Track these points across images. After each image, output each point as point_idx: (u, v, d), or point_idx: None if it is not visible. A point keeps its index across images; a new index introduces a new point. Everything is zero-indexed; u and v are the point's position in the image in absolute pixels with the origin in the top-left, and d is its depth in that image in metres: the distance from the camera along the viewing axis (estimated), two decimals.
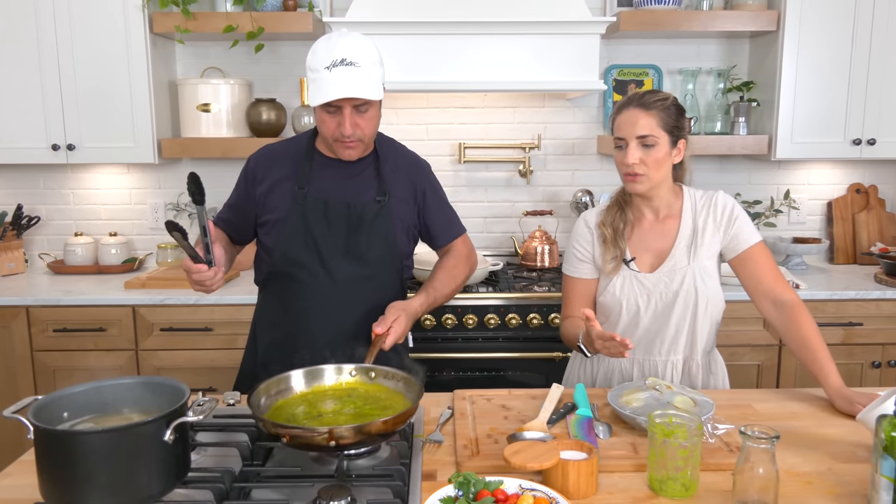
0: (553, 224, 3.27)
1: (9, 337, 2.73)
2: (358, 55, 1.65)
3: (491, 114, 3.27)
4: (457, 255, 1.98)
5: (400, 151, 1.94)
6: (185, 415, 1.17)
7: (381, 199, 1.82)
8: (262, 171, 1.85)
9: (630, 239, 1.84)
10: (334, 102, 1.65)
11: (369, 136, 1.76)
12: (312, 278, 1.80)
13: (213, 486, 1.22)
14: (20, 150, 2.91)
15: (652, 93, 1.76)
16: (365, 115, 1.70)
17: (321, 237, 1.79)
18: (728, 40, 3.22)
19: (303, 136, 1.90)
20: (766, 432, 1.15)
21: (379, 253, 1.82)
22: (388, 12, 2.73)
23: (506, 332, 2.70)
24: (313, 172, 1.82)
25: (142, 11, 2.81)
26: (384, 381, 1.52)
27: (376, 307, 1.78)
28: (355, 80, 1.63)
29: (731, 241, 1.78)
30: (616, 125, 1.77)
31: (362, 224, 1.80)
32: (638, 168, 1.72)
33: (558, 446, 1.27)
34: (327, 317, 1.81)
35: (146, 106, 2.88)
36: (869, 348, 2.78)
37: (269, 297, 1.91)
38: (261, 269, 1.91)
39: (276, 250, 1.81)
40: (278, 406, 1.43)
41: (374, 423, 1.26)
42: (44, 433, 1.10)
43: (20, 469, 1.34)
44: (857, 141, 2.93)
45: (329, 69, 1.62)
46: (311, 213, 1.79)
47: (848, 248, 3.29)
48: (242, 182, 1.89)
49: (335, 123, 1.69)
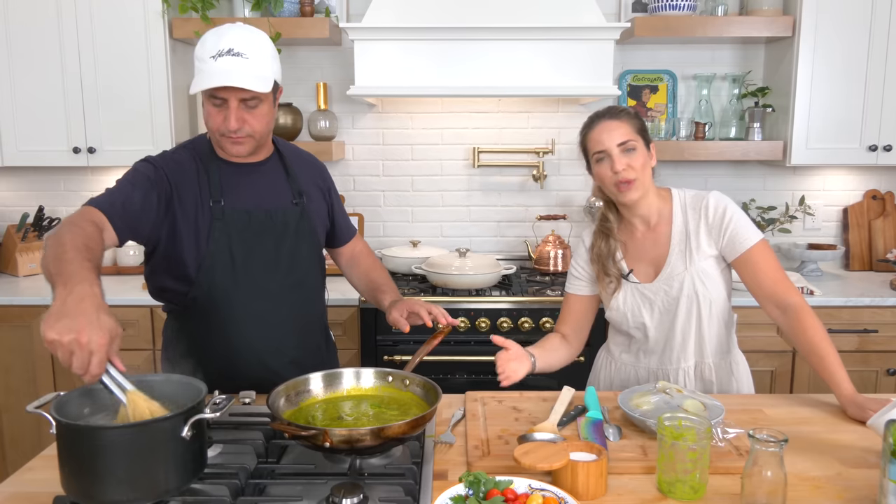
0: (566, 228, 3.28)
1: (29, 336, 2.78)
2: (246, 46, 1.56)
3: (505, 118, 3.29)
4: (371, 255, 2.05)
5: (299, 152, 1.91)
6: (203, 412, 1.20)
7: (297, 202, 1.78)
8: (174, 186, 1.66)
9: (626, 254, 1.84)
10: (220, 94, 1.57)
11: (260, 133, 1.65)
12: (245, 300, 1.70)
13: (228, 481, 1.24)
14: (42, 153, 2.97)
15: (613, 106, 1.79)
16: (254, 110, 1.61)
17: (248, 253, 1.69)
18: (743, 46, 3.22)
19: (200, 142, 1.76)
20: (775, 436, 1.16)
21: (307, 257, 1.80)
22: (405, 18, 2.76)
23: (518, 336, 2.70)
24: (223, 181, 1.70)
25: (162, 17, 2.86)
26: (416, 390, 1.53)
27: (309, 313, 1.82)
28: (241, 71, 1.55)
29: (728, 244, 1.75)
30: (591, 141, 1.76)
31: (287, 231, 1.74)
32: (629, 173, 1.71)
33: (568, 447, 1.29)
34: (268, 335, 1.74)
35: (165, 110, 2.93)
36: (884, 355, 2.77)
37: (194, 322, 1.73)
38: (173, 295, 1.73)
39: (200, 274, 1.67)
40: (298, 409, 1.46)
41: (394, 426, 1.27)
42: (66, 428, 1.13)
43: (42, 464, 1.38)
44: (873, 147, 2.92)
45: (214, 58, 1.55)
46: (234, 227, 1.68)
47: (864, 255, 3.28)
48: (152, 192, 1.63)
49: (221, 117, 1.60)
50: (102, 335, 1.10)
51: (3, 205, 3.34)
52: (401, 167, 3.33)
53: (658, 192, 1.82)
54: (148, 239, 1.66)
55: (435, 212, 3.36)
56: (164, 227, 1.65)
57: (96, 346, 1.09)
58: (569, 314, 1.93)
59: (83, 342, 1.08)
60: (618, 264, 1.83)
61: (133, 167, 1.68)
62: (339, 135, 3.25)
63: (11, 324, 2.78)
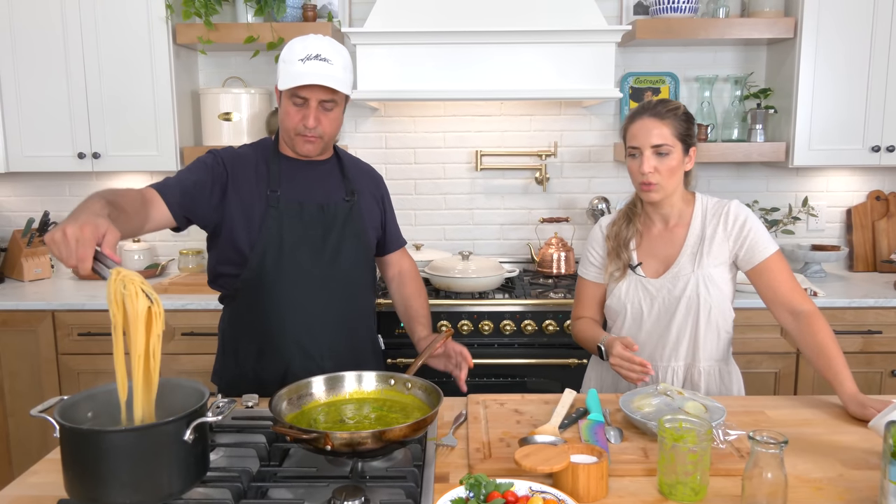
0: (569, 231, 3.28)
1: (35, 340, 2.79)
2: (332, 53, 1.71)
3: (508, 122, 3.29)
4: (418, 280, 2.08)
5: (357, 161, 2.02)
6: (205, 415, 1.20)
7: (349, 199, 1.87)
8: (231, 174, 1.80)
9: (639, 246, 1.86)
10: (302, 94, 1.71)
11: (329, 136, 1.79)
12: (291, 283, 1.80)
13: (231, 485, 1.25)
14: (47, 159, 3.00)
15: (664, 102, 1.78)
16: (329, 113, 1.75)
17: (298, 240, 1.79)
18: (745, 47, 3.22)
19: (266, 140, 1.92)
20: (775, 437, 1.16)
21: (353, 252, 1.86)
22: (406, 22, 2.77)
23: (521, 339, 2.72)
24: (282, 174, 1.83)
25: (165, 23, 2.88)
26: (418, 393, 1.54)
27: (354, 307, 1.89)
28: (327, 73, 1.69)
29: (745, 254, 1.78)
30: (630, 134, 1.79)
31: (335, 224, 1.83)
32: (653, 177, 1.74)
33: (569, 450, 1.29)
34: (310, 321, 1.83)
35: (169, 115, 2.94)
36: (888, 357, 2.76)
37: (243, 306, 1.85)
38: (227, 280, 1.85)
39: (252, 257, 1.78)
40: (301, 412, 1.47)
41: (396, 429, 1.28)
42: (69, 431, 1.14)
43: (46, 467, 1.39)
44: (876, 148, 2.92)
45: (303, 61, 1.69)
46: (286, 217, 1.79)
47: (868, 256, 3.27)
48: (206, 176, 1.76)
49: (300, 116, 1.74)
50: (86, 228, 1.18)
51: (9, 210, 3.37)
52: (403, 170, 3.34)
53: (683, 194, 1.84)
54: (205, 221, 1.79)
55: (438, 215, 3.37)
56: (220, 210, 1.78)
57: (80, 236, 1.17)
58: (588, 299, 1.97)
59: (68, 234, 1.17)
60: (629, 253, 1.85)
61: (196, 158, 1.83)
62: (341, 138, 3.26)
63: (17, 328, 2.79)
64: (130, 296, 1.15)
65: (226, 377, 1.91)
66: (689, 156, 1.78)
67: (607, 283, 1.90)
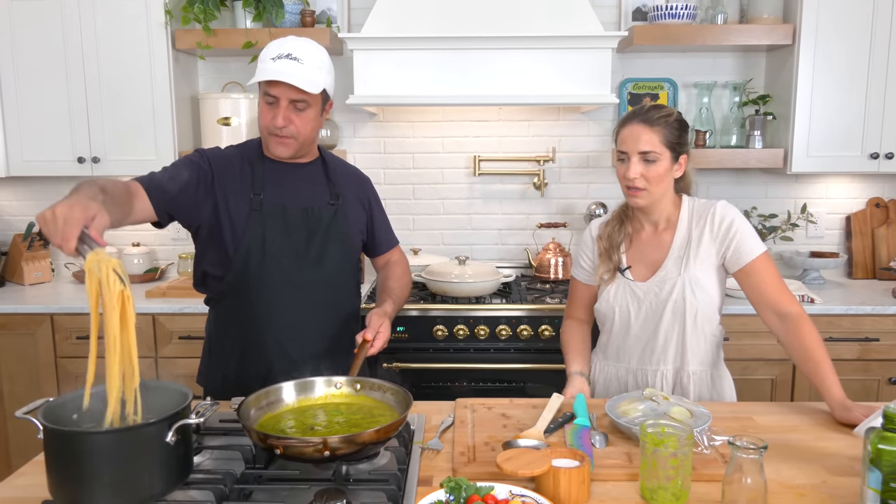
0: (567, 236, 3.28)
1: (33, 343, 2.81)
2: (303, 54, 1.72)
3: (506, 127, 3.30)
4: (402, 266, 2.08)
5: (343, 164, 2.02)
6: (188, 417, 1.21)
7: (334, 203, 1.87)
8: (216, 174, 1.80)
9: (629, 250, 1.86)
10: (272, 92, 1.72)
11: (304, 137, 1.78)
12: (274, 286, 1.80)
13: (214, 487, 1.25)
14: (47, 163, 3.02)
15: (656, 108, 1.78)
16: (302, 113, 1.75)
17: (282, 244, 1.80)
18: (744, 54, 3.22)
19: (252, 142, 1.91)
20: (755, 443, 1.16)
21: (337, 256, 1.87)
22: (404, 28, 2.78)
23: (517, 344, 2.72)
24: (266, 177, 1.83)
25: (165, 29, 2.90)
26: (370, 393, 1.55)
27: (337, 311, 1.89)
28: (294, 72, 1.70)
29: (732, 255, 1.77)
30: (619, 139, 1.80)
31: (319, 228, 1.84)
32: (639, 182, 1.75)
33: (551, 454, 1.29)
34: (292, 324, 1.83)
35: (168, 120, 2.96)
36: (886, 364, 2.74)
37: (227, 307, 1.87)
38: (213, 282, 1.86)
39: (236, 259, 1.79)
40: (269, 418, 1.46)
41: (364, 434, 1.28)
42: (52, 433, 1.15)
43: (33, 469, 1.39)
44: (875, 155, 2.91)
45: (274, 59, 1.71)
46: (270, 220, 1.79)
47: (867, 263, 3.26)
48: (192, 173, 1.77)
49: (271, 115, 1.75)
50: (75, 209, 1.22)
51: (9, 214, 3.39)
52: (402, 175, 3.35)
53: (673, 199, 1.84)
54: (188, 220, 1.80)
55: (436, 220, 3.38)
56: (204, 209, 1.78)
57: (68, 216, 1.21)
58: (579, 299, 2.01)
59: (57, 213, 1.21)
60: (619, 255, 1.86)
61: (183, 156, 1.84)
62: (340, 143, 3.27)
63: (16, 332, 2.81)
64: (104, 277, 1.18)
65: (210, 378, 1.93)
66: (678, 163, 1.78)
67: (597, 285, 1.91)
